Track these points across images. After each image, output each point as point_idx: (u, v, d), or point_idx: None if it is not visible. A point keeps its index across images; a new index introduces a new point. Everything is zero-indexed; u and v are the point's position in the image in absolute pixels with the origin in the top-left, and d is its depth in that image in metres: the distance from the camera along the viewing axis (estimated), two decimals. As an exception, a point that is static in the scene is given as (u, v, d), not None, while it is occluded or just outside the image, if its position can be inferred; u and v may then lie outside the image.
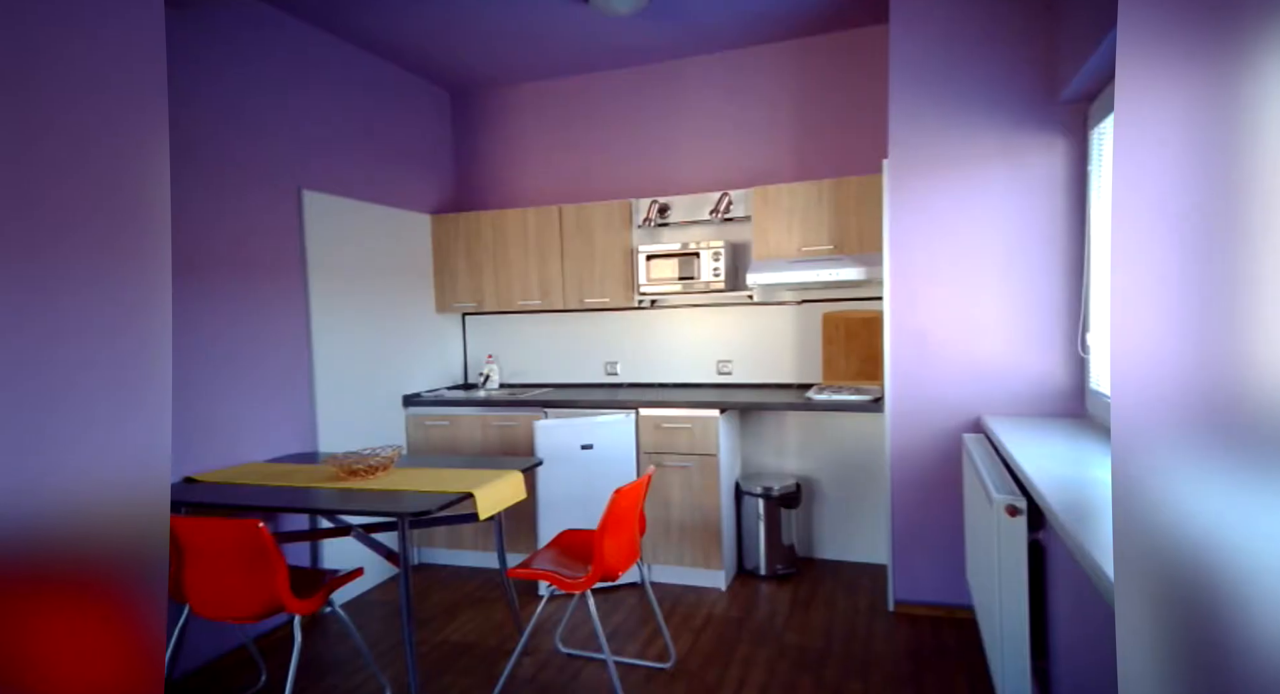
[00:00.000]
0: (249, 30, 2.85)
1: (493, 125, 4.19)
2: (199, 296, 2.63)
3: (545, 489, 3.24)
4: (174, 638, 2.17)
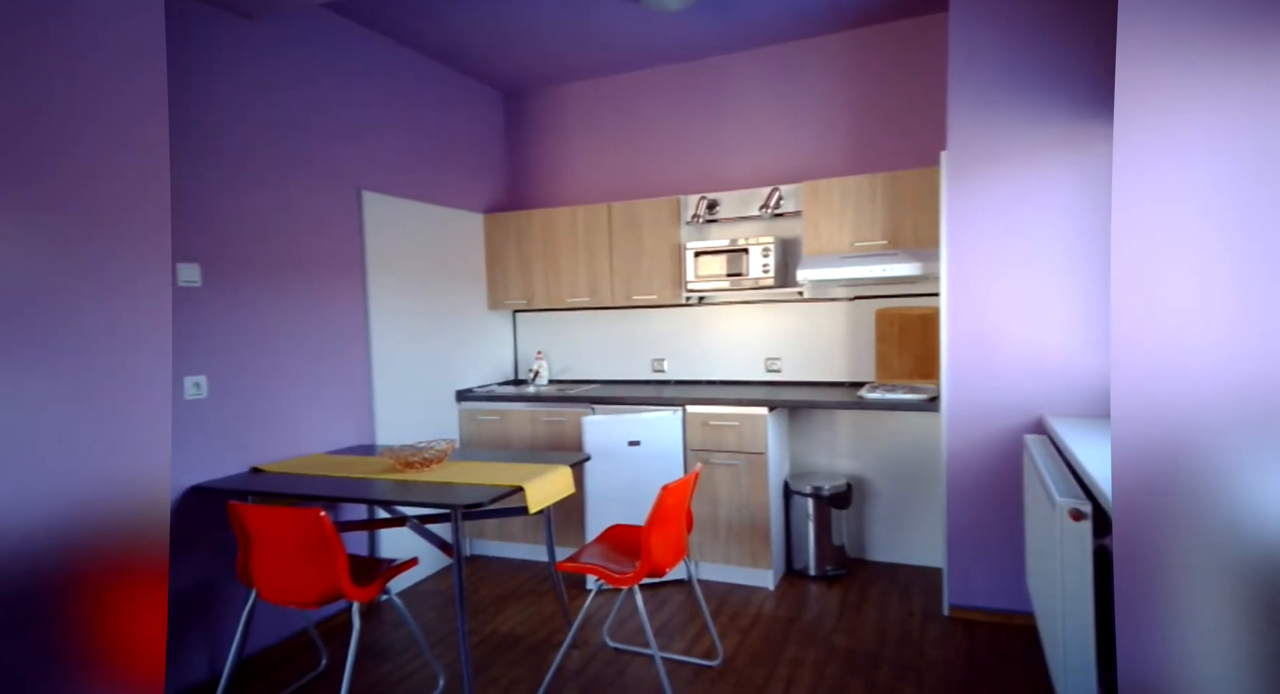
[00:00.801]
0: (313, 37, 2.96)
1: (543, 125, 4.24)
2: (266, 295, 2.75)
3: (593, 484, 3.27)
4: (242, 621, 2.28)
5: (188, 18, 2.45)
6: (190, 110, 2.46)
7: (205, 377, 2.51)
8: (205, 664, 2.50)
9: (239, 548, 2.18)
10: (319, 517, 2.04)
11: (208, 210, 2.52)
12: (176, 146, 2.41)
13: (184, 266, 2.43)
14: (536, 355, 4.19)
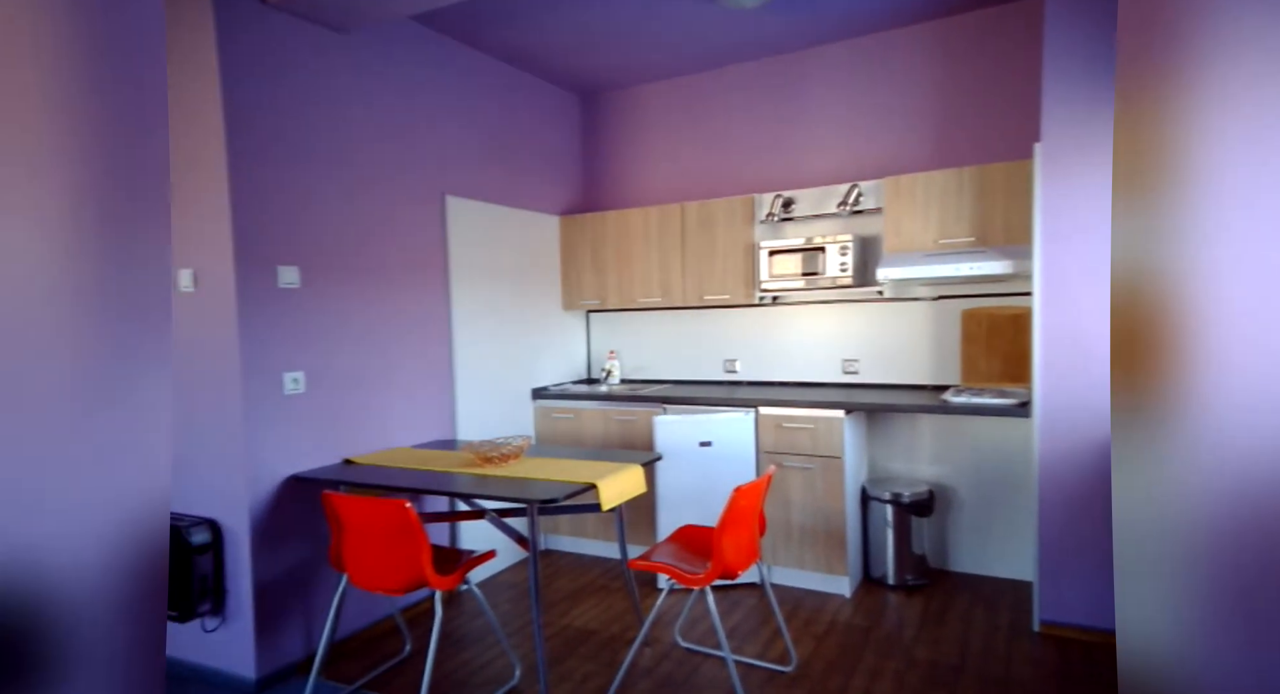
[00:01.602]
0: (401, 48, 3.10)
1: (618, 126, 4.29)
2: (358, 296, 2.90)
3: (664, 484, 3.28)
4: (334, 605, 2.41)
5: (287, 34, 2.62)
6: (288, 122, 2.63)
7: (303, 373, 2.67)
8: (301, 644, 2.66)
9: (332, 535, 2.31)
10: (405, 507, 2.14)
11: (306, 216, 2.68)
12: (277, 155, 2.58)
13: (284, 269, 2.60)
14: (609, 355, 4.24)
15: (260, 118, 2.52)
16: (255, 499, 2.51)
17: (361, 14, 2.66)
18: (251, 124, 2.49)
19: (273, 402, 2.56)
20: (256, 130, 2.50)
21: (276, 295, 2.57)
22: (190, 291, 2.52)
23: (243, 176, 2.46)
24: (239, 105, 2.44)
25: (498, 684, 2.50)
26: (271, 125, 2.56)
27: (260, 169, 2.52)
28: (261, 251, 2.52)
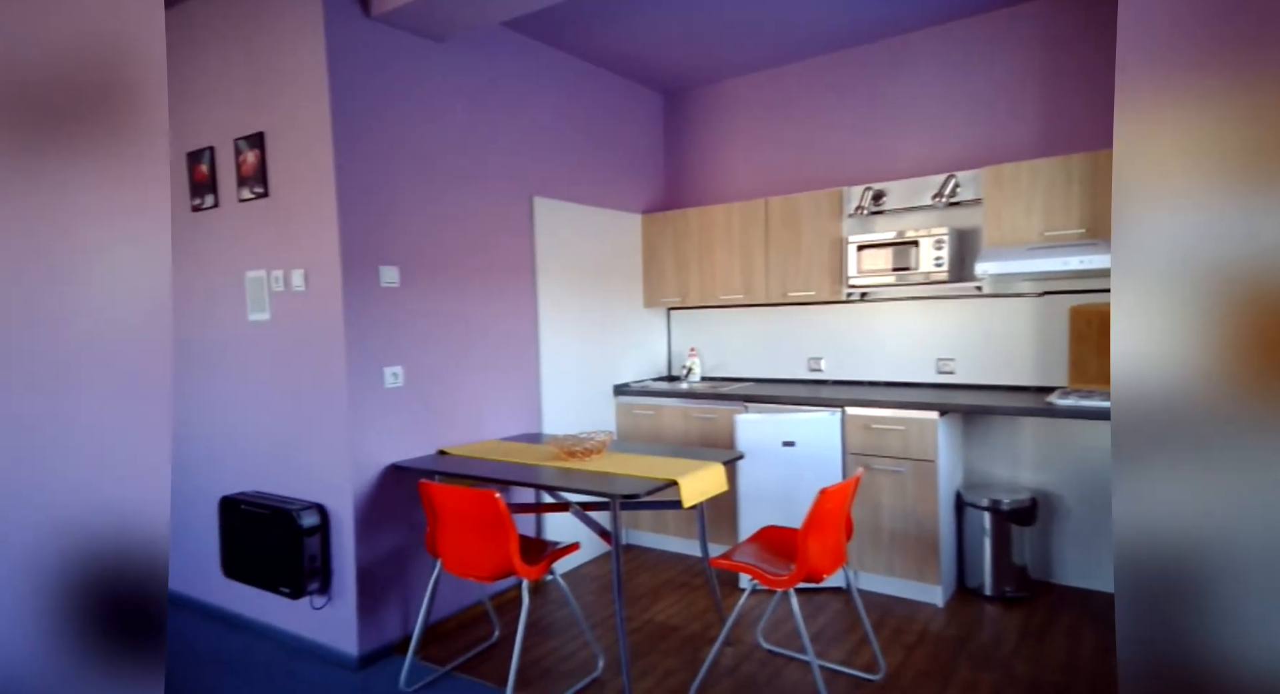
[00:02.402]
0: (491, 53, 3.20)
1: (702, 123, 4.27)
2: (452, 294, 3.02)
3: (746, 483, 3.24)
4: (429, 589, 2.54)
5: (388, 46, 2.76)
6: (388, 130, 2.77)
7: (401, 367, 2.81)
8: (399, 625, 2.81)
9: (428, 522, 2.43)
10: (494, 498, 2.22)
11: (404, 219, 2.82)
12: (378, 161, 2.73)
13: (385, 269, 2.75)
14: (689, 352, 4.23)
15: (363, 127, 2.67)
16: (358, 486, 2.67)
17: (458, 22, 2.76)
18: (356, 133, 2.64)
19: (374, 394, 2.71)
20: (360, 139, 2.66)
21: (378, 294, 2.72)
22: (302, 291, 2.71)
23: (348, 183, 2.62)
24: (345, 116, 2.60)
25: (581, 674, 2.55)
26: (373, 134, 2.70)
27: (363, 175, 2.67)
28: (365, 253, 2.67)
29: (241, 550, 2.82)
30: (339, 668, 2.66)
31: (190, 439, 3.21)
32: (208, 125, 2.96)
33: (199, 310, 3.11)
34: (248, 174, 2.82)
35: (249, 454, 2.97)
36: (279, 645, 2.85)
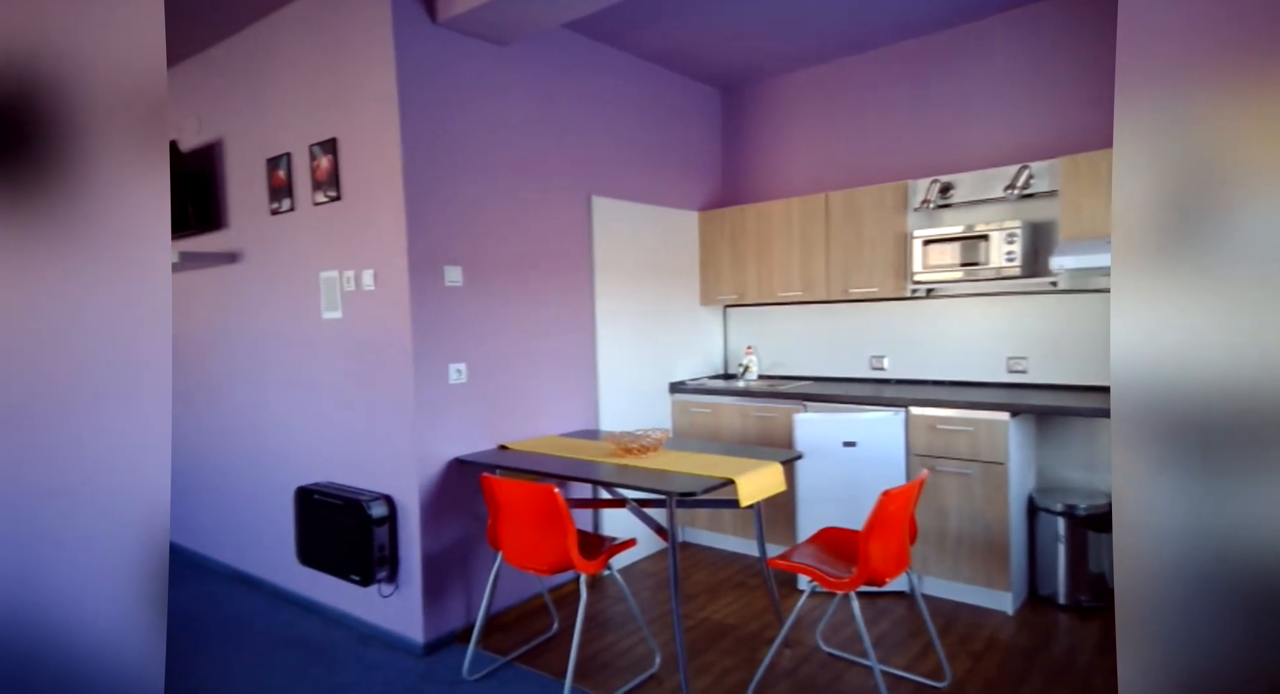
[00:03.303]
0: (551, 55, 3.25)
1: (760, 118, 4.22)
2: (512, 293, 3.09)
3: (805, 483, 3.19)
4: (491, 580, 2.60)
5: (453, 50, 2.83)
6: (452, 133, 2.84)
7: (465, 364, 2.89)
8: (462, 614, 2.89)
9: (490, 515, 2.49)
10: (553, 492, 2.25)
11: (467, 220, 2.90)
12: (442, 164, 2.81)
13: (450, 269, 2.83)
14: (746, 350, 4.19)
15: (429, 131, 2.75)
16: (424, 478, 2.76)
17: (521, 25, 2.81)
18: (422, 137, 2.72)
19: (439, 390, 2.79)
20: (426, 143, 2.74)
21: (443, 293, 2.80)
22: (372, 290, 2.82)
23: (415, 185, 2.70)
24: (412, 120, 2.69)
25: (639, 670, 2.57)
26: (438, 137, 2.78)
27: (429, 178, 2.75)
28: (430, 253, 2.76)
29: (315, 539, 2.96)
30: (405, 654, 2.75)
31: (269, 431, 3.38)
32: (285, 132, 3.11)
33: (278, 309, 3.27)
34: (322, 178, 2.95)
35: (323, 446, 3.11)
36: (349, 631, 2.98)
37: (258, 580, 3.50)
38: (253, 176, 3.32)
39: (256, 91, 3.24)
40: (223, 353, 3.64)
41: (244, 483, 3.55)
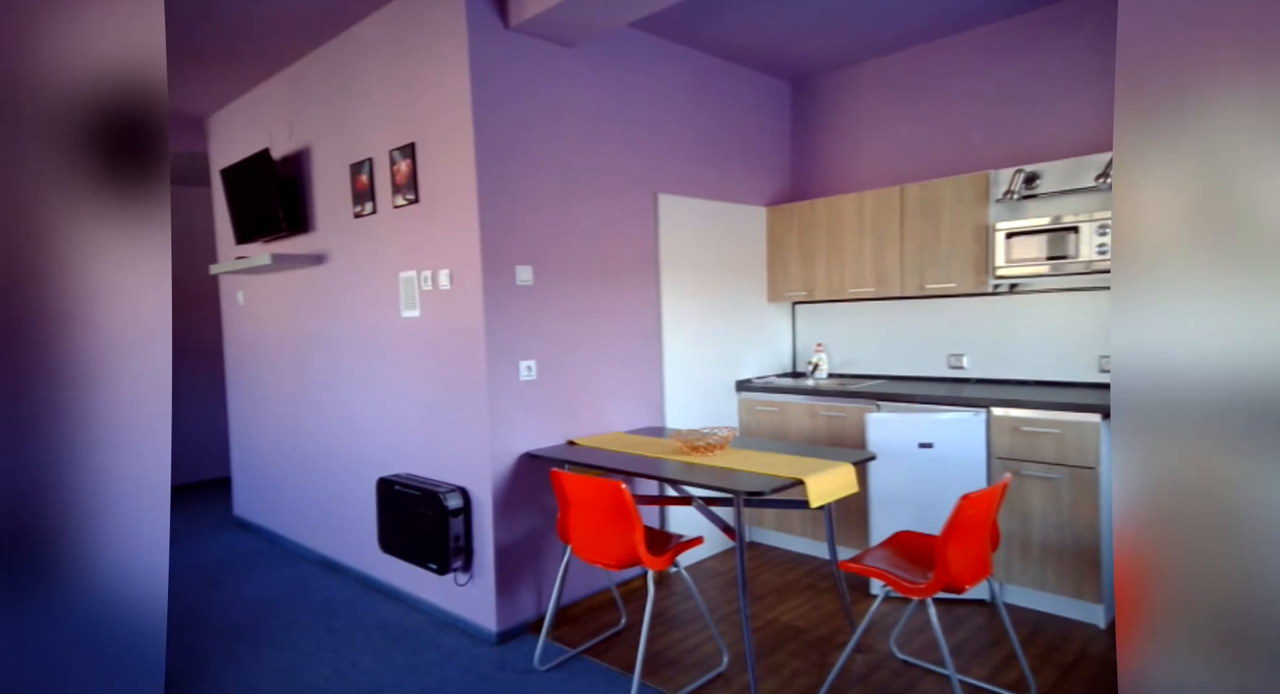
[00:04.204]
0: (617, 54, 3.27)
1: (831, 110, 4.12)
2: (579, 291, 3.13)
3: (878, 485, 3.10)
4: (560, 573, 2.65)
5: (524, 54, 2.89)
6: (523, 134, 2.91)
7: (535, 361, 2.96)
8: (532, 605, 2.97)
9: (559, 509, 2.54)
10: (620, 488, 2.28)
11: (536, 220, 2.96)
12: (513, 165, 2.87)
13: (521, 269, 2.89)
14: (816, 347, 4.11)
15: (500, 133, 2.82)
16: (496, 472, 2.84)
17: (589, 27, 2.85)
18: (494, 140, 2.80)
19: (510, 386, 2.87)
20: (498, 145, 2.81)
21: (514, 292, 2.88)
22: (447, 290, 2.92)
23: (487, 187, 2.78)
24: (485, 124, 2.76)
25: (706, 668, 2.56)
26: (510, 139, 2.85)
27: (501, 180, 2.83)
28: (502, 253, 2.83)
29: (395, 528, 3.09)
30: (479, 642, 2.85)
31: (352, 423, 3.55)
32: (367, 138, 3.26)
33: (360, 307, 3.44)
34: (401, 182, 3.08)
35: (402, 439, 3.24)
36: (427, 617, 3.10)
37: (344, 567, 3.69)
38: (338, 181, 3.49)
39: (341, 100, 3.40)
40: (311, 349, 3.84)
41: (331, 473, 3.75)
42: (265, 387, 4.31)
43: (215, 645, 2.91)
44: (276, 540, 4.28)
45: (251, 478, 4.57)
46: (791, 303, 4.27)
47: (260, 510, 4.48)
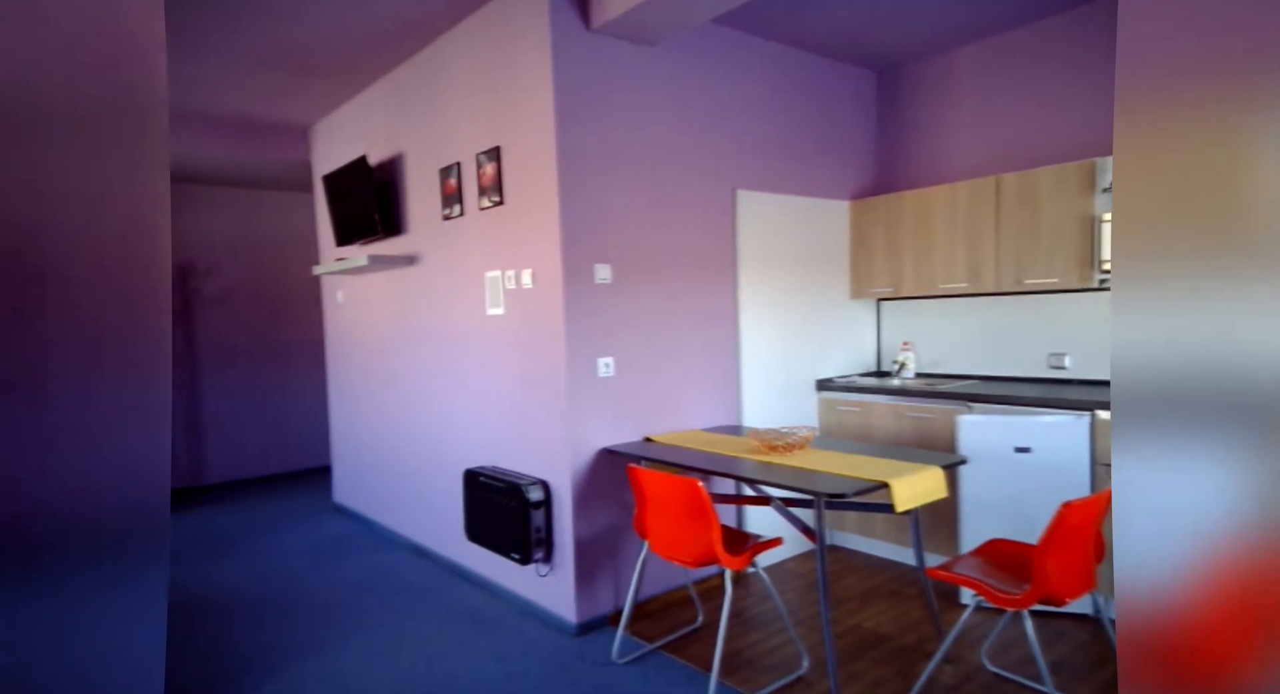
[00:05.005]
0: (697, 50, 3.26)
1: (920, 99, 3.96)
2: (656, 289, 3.15)
3: (969, 490, 2.96)
4: (638, 568, 2.68)
5: (605, 54, 2.93)
6: (603, 133, 2.95)
7: (612, 358, 2.99)
8: (610, 599, 3.01)
9: (636, 504, 2.57)
10: (697, 486, 2.28)
11: (616, 218, 2.99)
12: (593, 165, 2.92)
13: (599, 267, 2.94)
14: (903, 346, 3.96)
15: (581, 134, 2.87)
16: (575, 466, 2.90)
17: (670, 25, 2.85)
18: (575, 141, 2.85)
19: (589, 383, 2.92)
20: (578, 146, 2.87)
21: (593, 290, 2.92)
22: (530, 288, 3.00)
23: (568, 188, 2.84)
24: (566, 125, 2.82)
25: (785, 671, 2.53)
26: (590, 139, 2.90)
27: (581, 180, 2.88)
28: (582, 252, 2.88)
29: (480, 518, 3.21)
30: (559, 632, 2.92)
31: (441, 416, 3.71)
32: (454, 143, 3.40)
33: (449, 306, 3.59)
34: (487, 185, 3.19)
35: (487, 432, 3.36)
36: (510, 605, 3.21)
37: (432, 553, 3.87)
38: (428, 185, 3.66)
39: (431, 106, 3.56)
40: (403, 346, 4.05)
41: (421, 463, 3.94)
42: (361, 381, 4.57)
43: (319, 623, 3.11)
44: (372, 526, 4.53)
45: (349, 467, 4.86)
46: (876, 299, 4.13)
47: (357, 497, 4.76)
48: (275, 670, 2.69)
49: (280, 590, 3.51)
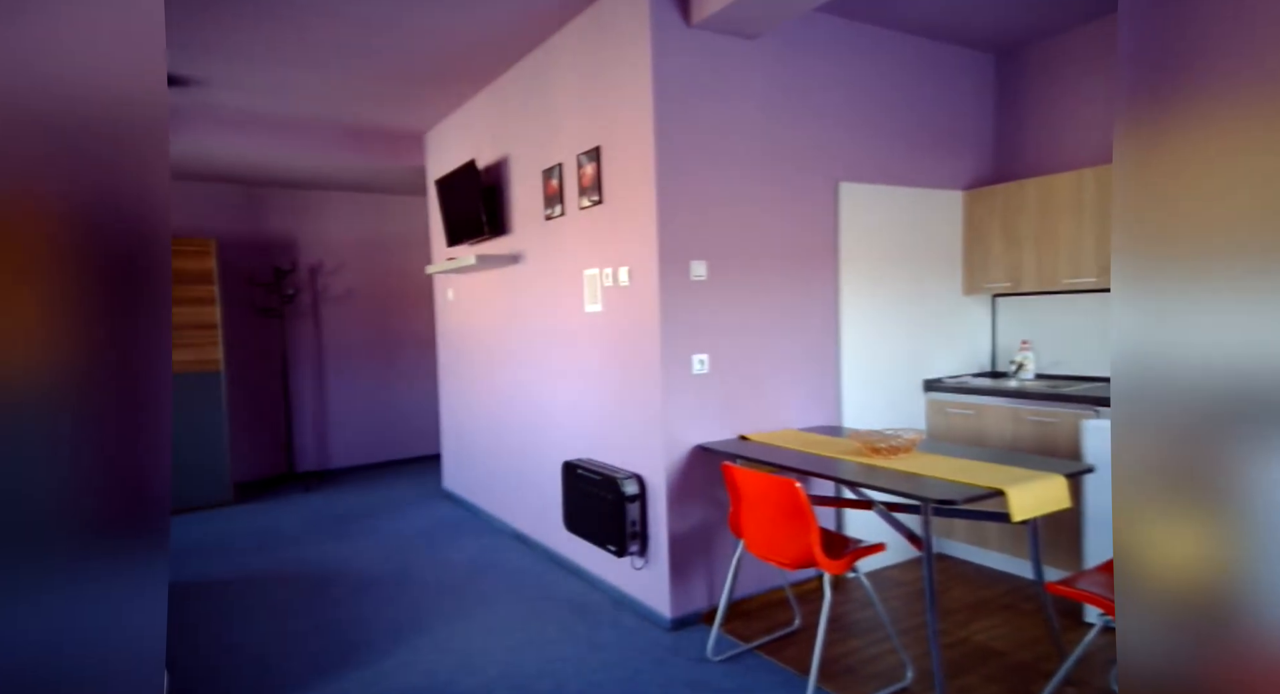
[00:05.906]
0: (799, 40, 3.18)
1: (1043, 82, 3.68)
2: (754, 285, 3.11)
3: (1095, 501, 2.73)
4: (733, 567, 2.67)
5: (704, 49, 2.92)
6: (701, 129, 2.94)
7: (707, 355, 2.99)
8: (704, 596, 3.01)
9: (731, 502, 2.55)
10: (795, 487, 2.23)
11: (711, 214, 2.98)
12: (690, 160, 2.92)
13: (695, 264, 2.94)
14: (1021, 345, 3.70)
15: (679, 131, 2.88)
16: (670, 462, 2.92)
17: (773, 16, 2.80)
18: (673, 138, 2.86)
19: (683, 379, 2.93)
20: (676, 143, 2.87)
21: (688, 287, 2.93)
22: (626, 286, 3.05)
23: (666, 185, 2.86)
24: (665, 123, 2.84)
25: (887, 680, 2.44)
26: (687, 136, 2.90)
27: (678, 177, 2.89)
28: (678, 249, 2.89)
29: (578, 509, 3.30)
30: (654, 626, 2.95)
31: (541, 409, 3.85)
32: (556, 145, 3.50)
33: (550, 303, 3.70)
34: (586, 185, 3.26)
35: (585, 425, 3.45)
36: (605, 596, 3.28)
37: (533, 541, 4.02)
38: (532, 186, 3.79)
39: (535, 110, 3.68)
40: (507, 341, 4.22)
41: (523, 454, 4.10)
42: (468, 374, 4.81)
43: (432, 600, 3.31)
44: (477, 512, 4.76)
45: (457, 455, 5.13)
46: (991, 295, 3.89)
47: (464, 484, 5.01)
48: (397, 642, 2.89)
49: (399, 568, 3.76)
